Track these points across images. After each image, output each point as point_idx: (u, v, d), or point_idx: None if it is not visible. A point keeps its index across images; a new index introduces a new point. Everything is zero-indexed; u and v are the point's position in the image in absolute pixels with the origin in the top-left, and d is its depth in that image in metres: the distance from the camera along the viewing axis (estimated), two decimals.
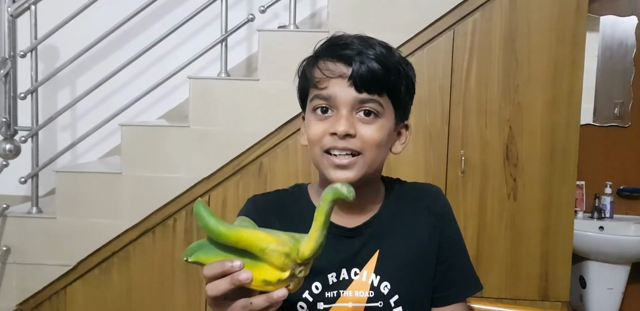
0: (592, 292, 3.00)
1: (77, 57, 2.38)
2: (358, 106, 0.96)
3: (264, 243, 0.76)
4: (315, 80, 0.99)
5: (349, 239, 1.04)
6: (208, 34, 2.59)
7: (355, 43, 0.98)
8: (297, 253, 0.77)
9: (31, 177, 2.32)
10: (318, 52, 1.02)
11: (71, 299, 2.29)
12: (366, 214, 1.06)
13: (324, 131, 0.97)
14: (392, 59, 0.99)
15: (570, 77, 2.22)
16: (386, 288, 1.02)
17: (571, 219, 2.26)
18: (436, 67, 2.24)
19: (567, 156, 2.24)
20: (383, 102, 0.98)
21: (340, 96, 0.96)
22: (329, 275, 1.02)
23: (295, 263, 0.77)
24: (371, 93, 0.96)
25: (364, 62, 0.95)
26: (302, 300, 1.01)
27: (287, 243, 0.77)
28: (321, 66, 0.99)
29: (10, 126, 2.28)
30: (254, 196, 1.11)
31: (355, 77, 0.95)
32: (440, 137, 2.25)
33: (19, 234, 2.28)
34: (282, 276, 0.76)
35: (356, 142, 0.96)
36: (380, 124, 0.98)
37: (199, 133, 2.25)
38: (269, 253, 0.75)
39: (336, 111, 0.97)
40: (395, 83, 0.99)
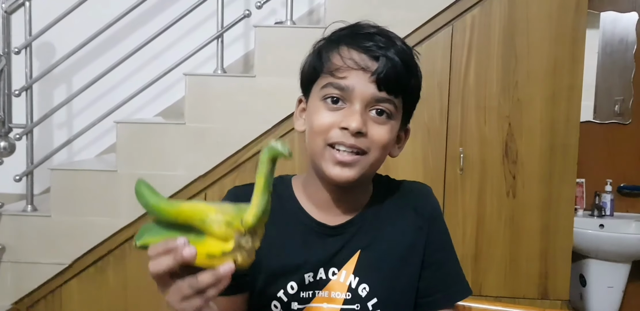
0: (593, 290, 2.99)
1: (72, 54, 2.36)
2: (373, 103, 0.92)
3: (203, 213, 0.72)
4: (334, 67, 0.93)
5: (330, 238, 0.99)
6: (204, 30, 2.57)
7: (378, 35, 0.93)
8: (240, 220, 0.72)
9: (26, 175, 2.30)
10: (340, 38, 0.96)
11: (67, 298, 2.27)
12: (350, 212, 1.02)
13: (333, 123, 0.92)
14: (412, 59, 0.95)
15: (570, 74, 2.20)
16: (364, 290, 0.97)
17: (571, 217, 2.24)
18: (435, 64, 2.22)
19: (567, 153, 2.22)
20: (397, 104, 0.94)
21: (359, 90, 0.91)
22: (306, 274, 0.97)
23: (239, 232, 0.72)
24: (390, 93, 0.92)
25: (390, 58, 0.91)
26: (277, 299, 0.97)
27: (229, 211, 0.73)
28: (343, 53, 0.93)
29: (4, 123, 2.27)
30: (235, 187, 1.06)
31: (380, 73, 0.90)
32: (438, 135, 2.23)
33: (14, 232, 2.27)
34: (225, 247, 0.72)
35: (365, 141, 0.92)
36: (391, 125, 0.94)
37: (196, 130, 2.23)
38: (208, 222, 0.72)
39: (349, 104, 0.92)
40: (412, 85, 0.95)
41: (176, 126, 2.24)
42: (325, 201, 1.01)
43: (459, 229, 2.23)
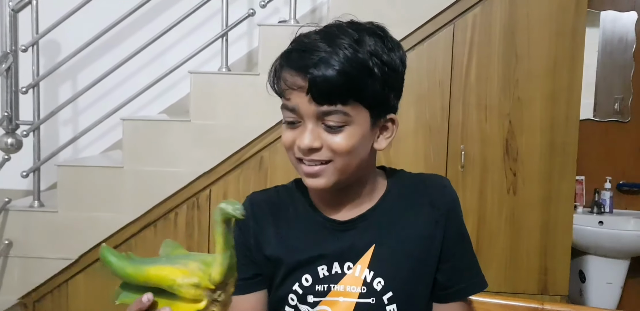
0: (592, 286, 3.02)
1: (78, 52, 2.39)
2: (322, 117, 0.93)
3: (169, 279, 0.75)
4: (280, 90, 0.97)
5: (341, 233, 1.02)
6: (209, 28, 2.60)
7: (318, 48, 0.92)
8: (209, 279, 0.75)
9: (33, 171, 2.33)
10: (282, 59, 0.97)
11: (73, 292, 2.30)
12: (361, 207, 1.04)
13: (293, 141, 0.96)
14: (358, 60, 0.91)
15: (570, 72, 2.23)
16: (379, 284, 0.99)
17: (570, 214, 2.27)
18: (436, 62, 2.25)
19: (566, 151, 2.25)
20: (349, 110, 0.93)
21: (303, 109, 0.93)
22: (319, 267, 1.00)
23: (209, 291, 0.75)
24: (333, 104, 0.91)
25: (321, 73, 0.90)
26: (292, 292, 1.00)
27: (196, 271, 0.75)
28: (283, 75, 0.95)
29: (12, 120, 2.29)
30: (253, 193, 1.11)
31: (313, 90, 0.91)
32: (440, 132, 2.26)
33: (21, 228, 2.29)
34: (198, 307, 0.75)
35: (323, 153, 0.94)
36: (349, 132, 0.94)
37: (200, 128, 2.26)
38: (177, 288, 0.75)
39: (303, 122, 0.95)
40: (361, 86, 0.92)
41: (181, 123, 2.27)
42: (331, 200, 1.04)
43: None
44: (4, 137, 2.28)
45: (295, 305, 1.01)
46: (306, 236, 1.03)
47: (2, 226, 2.29)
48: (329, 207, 1.04)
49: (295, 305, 1.01)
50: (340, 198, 1.03)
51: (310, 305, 1.00)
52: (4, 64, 2.26)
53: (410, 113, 2.24)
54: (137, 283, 0.77)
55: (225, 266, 0.75)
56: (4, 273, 2.29)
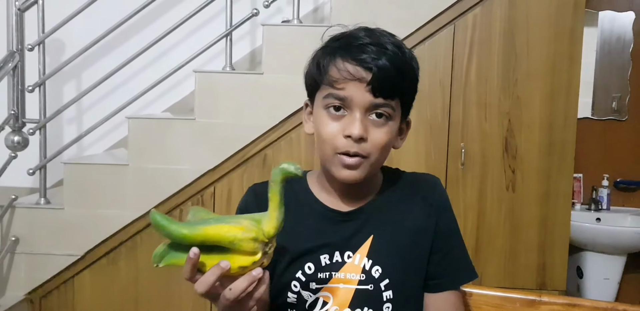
0: (589, 282, 3.05)
1: (84, 51, 2.42)
2: (372, 109, 0.99)
3: (230, 234, 0.81)
4: (332, 79, 1.00)
5: (342, 223, 1.08)
6: (213, 28, 2.62)
7: (370, 45, 0.99)
8: (263, 233, 0.83)
9: (39, 169, 2.36)
10: (335, 50, 1.02)
11: (79, 288, 2.33)
12: (361, 200, 1.10)
13: (338, 132, 1.00)
14: (405, 60, 1.00)
15: (568, 71, 2.26)
16: (377, 272, 1.05)
17: (568, 211, 2.31)
18: (437, 62, 2.28)
19: (564, 149, 2.28)
20: (395, 105, 1.01)
21: (357, 99, 0.98)
22: (322, 256, 1.06)
23: (263, 243, 0.84)
24: (386, 98, 0.99)
25: (382, 67, 0.97)
26: (296, 279, 1.06)
27: (251, 227, 0.83)
28: (339, 66, 0.99)
29: (18, 118, 2.32)
30: (254, 184, 1.16)
31: (374, 82, 0.97)
32: (440, 130, 2.29)
33: (28, 224, 2.32)
34: (255, 258, 0.83)
35: (366, 146, 0.99)
36: (390, 127, 1.01)
37: (204, 126, 2.29)
38: (237, 243, 0.81)
39: (349, 112, 0.99)
40: (407, 86, 1.02)
41: (185, 121, 2.30)
42: (336, 192, 1.10)
43: (460, 222, 2.23)
44: (11, 135, 2.31)
45: (298, 291, 1.06)
46: (309, 226, 1.09)
47: (9, 223, 2.32)
48: (331, 198, 1.10)
49: (298, 291, 1.06)
50: (345, 190, 1.09)
51: (313, 291, 1.06)
52: (10, 63, 2.29)
53: (411, 112, 2.26)
54: (193, 243, 0.82)
55: (279, 221, 0.84)
56: (11, 269, 2.32)
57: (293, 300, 1.07)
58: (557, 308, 1.19)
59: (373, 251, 1.06)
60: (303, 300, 1.06)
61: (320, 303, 1.05)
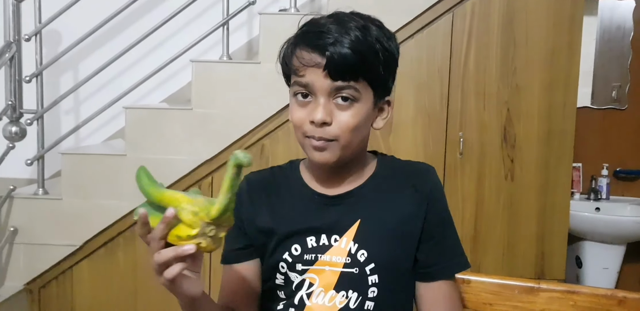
0: (588, 272, 3.06)
1: (80, 41, 2.40)
2: (335, 92, 1.00)
3: (177, 202, 0.86)
4: (294, 67, 1.03)
5: (330, 207, 1.09)
6: (209, 17, 2.62)
7: (331, 30, 1.00)
8: (207, 212, 0.85)
9: (37, 159, 2.36)
10: (296, 39, 1.05)
11: (78, 278, 2.34)
12: (350, 184, 1.11)
13: (305, 117, 1.02)
14: (367, 42, 1.00)
15: (568, 60, 2.25)
16: (363, 256, 1.06)
17: (567, 200, 2.30)
18: (435, 50, 2.27)
19: (564, 138, 2.28)
20: (360, 87, 1.01)
21: (318, 84, 1.00)
22: (308, 238, 1.08)
23: (204, 222, 0.85)
24: (346, 80, 0.99)
25: (338, 51, 0.98)
26: (283, 260, 1.08)
27: (200, 204, 0.85)
28: (298, 54, 1.02)
29: (15, 109, 2.31)
30: (250, 173, 1.19)
31: (330, 66, 0.98)
32: (439, 120, 2.28)
33: (26, 215, 2.32)
34: (190, 232, 0.85)
35: (332, 129, 1.01)
36: (357, 109, 1.02)
37: (202, 116, 2.28)
38: (180, 211, 0.85)
39: (314, 98, 1.02)
40: (371, 66, 1.01)
41: (182, 111, 2.29)
42: (324, 176, 1.11)
43: (458, 212, 2.29)
44: (8, 125, 2.30)
45: (285, 272, 1.09)
46: (296, 209, 1.11)
47: (7, 213, 2.32)
48: (319, 183, 1.12)
49: (285, 272, 1.09)
50: (332, 175, 1.10)
51: (299, 273, 1.08)
52: (7, 54, 2.28)
53: (409, 101, 2.27)
54: (153, 200, 0.89)
55: (223, 205, 0.84)
56: (10, 259, 2.32)
57: (281, 281, 1.10)
58: (556, 295, 1.19)
59: (359, 236, 1.07)
60: (290, 281, 1.08)
61: (307, 284, 1.08)
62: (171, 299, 0.95)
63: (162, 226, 0.85)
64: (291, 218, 1.10)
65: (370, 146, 1.14)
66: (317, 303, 1.07)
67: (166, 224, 0.85)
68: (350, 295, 1.06)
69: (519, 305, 1.20)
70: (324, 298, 1.06)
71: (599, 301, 1.14)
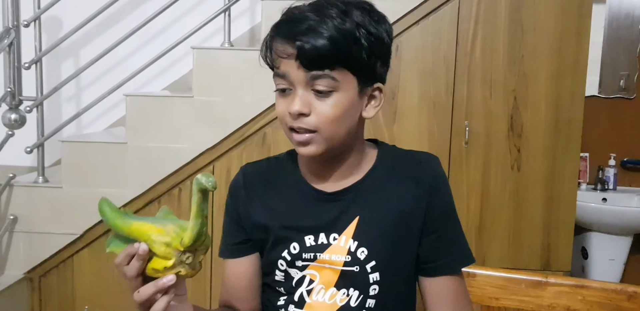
0: (594, 263, 3.03)
1: (80, 27, 2.37)
2: (312, 82, 0.97)
3: (147, 235, 0.83)
4: (272, 60, 1.01)
5: (327, 204, 1.06)
6: (211, 4, 2.57)
7: (308, 18, 0.96)
8: (180, 241, 0.82)
9: (37, 147, 2.34)
10: (272, 31, 1.02)
11: (78, 267, 2.32)
12: (348, 179, 1.07)
13: (285, 110, 0.99)
14: (345, 28, 0.96)
15: (576, 48, 2.21)
16: (363, 253, 1.03)
17: (574, 191, 2.27)
18: (441, 37, 2.23)
19: (571, 128, 2.24)
20: (337, 76, 0.97)
21: (293, 75, 0.97)
22: (306, 237, 1.05)
23: (178, 251, 0.83)
24: (321, 69, 0.96)
25: (309, 40, 0.94)
26: (282, 258, 1.06)
27: (171, 232, 0.83)
28: (273, 46, 1.00)
29: (15, 96, 2.29)
30: (246, 164, 1.17)
31: (301, 57, 0.95)
32: (444, 108, 2.25)
33: (26, 203, 2.31)
34: (166, 264, 0.83)
35: (311, 120, 0.97)
36: (337, 98, 0.98)
37: (203, 104, 2.25)
38: (151, 244, 0.82)
39: (293, 89, 0.99)
40: (348, 53, 0.96)
41: (184, 99, 2.27)
42: (320, 171, 1.08)
43: (463, 202, 2.26)
44: (7, 113, 2.28)
45: (285, 269, 1.07)
46: (293, 206, 1.08)
47: (7, 201, 2.31)
48: (316, 178, 1.08)
49: (285, 269, 1.07)
50: (328, 169, 1.07)
51: (299, 269, 1.06)
52: (6, 40, 2.25)
53: (414, 89, 2.23)
54: (122, 233, 0.86)
55: (195, 232, 0.82)
56: (10, 248, 2.31)
57: (281, 277, 1.08)
58: (564, 289, 1.17)
59: (359, 233, 1.04)
60: (290, 277, 1.06)
61: (307, 281, 1.05)
62: None
63: (137, 263, 0.83)
64: (288, 215, 1.07)
65: (373, 135, 1.11)
66: (318, 300, 1.05)
67: (140, 261, 0.83)
68: (351, 293, 1.04)
69: (525, 299, 1.18)
70: (325, 296, 1.05)
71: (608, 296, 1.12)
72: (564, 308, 1.14)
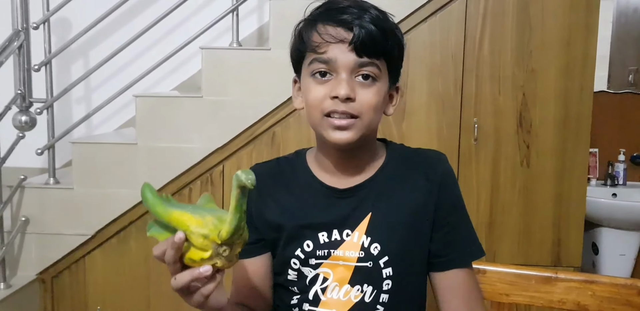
0: (605, 258, 3.02)
1: (89, 29, 2.38)
2: (357, 69, 0.99)
3: (186, 225, 0.83)
4: (314, 44, 1.00)
5: (340, 201, 1.08)
6: (219, 4, 2.59)
7: (351, 8, 1.00)
8: (218, 234, 0.82)
9: (48, 148, 2.35)
10: (315, 16, 1.03)
11: (90, 267, 2.34)
12: (361, 175, 1.09)
13: (325, 95, 1.00)
14: (388, 23, 1.02)
15: (584, 43, 2.21)
16: (376, 249, 1.04)
17: (584, 186, 2.27)
18: (449, 34, 2.23)
19: (580, 123, 2.24)
20: (380, 66, 1.01)
21: (341, 60, 0.98)
22: (320, 234, 1.06)
23: (216, 244, 0.83)
24: (371, 57, 0.99)
25: (364, 26, 0.97)
26: (295, 257, 1.07)
27: (209, 224, 0.83)
28: (320, 30, 1.00)
29: (25, 98, 2.30)
30: (256, 164, 1.18)
31: (357, 41, 0.97)
32: (453, 105, 2.25)
33: (38, 205, 2.32)
34: (203, 255, 0.83)
35: (355, 105, 0.99)
36: (378, 87, 1.01)
37: (212, 103, 2.26)
38: (189, 235, 0.82)
39: (335, 75, 1.00)
40: (391, 47, 1.01)
41: (193, 99, 2.27)
42: (334, 167, 1.09)
43: (473, 198, 2.26)
44: (18, 115, 2.29)
45: (298, 268, 1.08)
46: (306, 204, 1.09)
47: (19, 203, 2.32)
48: (329, 174, 1.10)
49: (298, 268, 1.08)
50: (341, 164, 1.08)
51: (312, 267, 1.07)
52: (15, 42, 2.26)
53: (423, 86, 2.23)
54: (163, 221, 0.86)
55: (233, 226, 0.82)
56: (22, 249, 2.33)
57: (293, 277, 1.08)
58: (574, 284, 1.17)
59: (371, 229, 1.05)
60: (304, 276, 1.07)
61: (321, 279, 1.06)
62: None
63: (172, 251, 0.83)
64: (301, 213, 1.08)
65: (382, 133, 1.13)
66: (332, 297, 1.06)
67: (175, 249, 0.83)
68: (365, 289, 1.05)
69: (536, 295, 1.18)
70: (339, 293, 1.06)
71: (618, 291, 1.12)
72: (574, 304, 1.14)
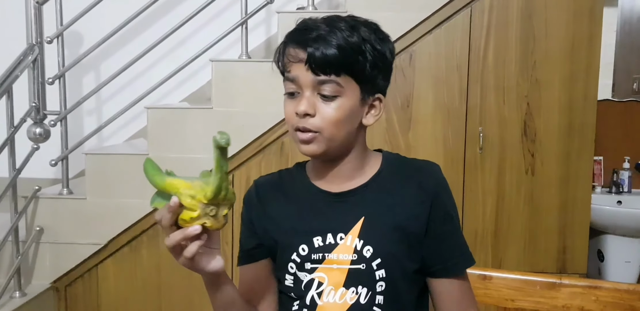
0: (610, 265, 3.03)
1: (101, 43, 2.43)
2: (318, 87, 1.05)
3: (176, 188, 0.91)
4: (283, 65, 1.09)
5: (334, 205, 1.12)
6: (228, 17, 2.63)
7: (319, 27, 1.05)
8: (204, 194, 0.90)
9: (61, 160, 2.39)
10: (286, 37, 1.10)
11: (103, 276, 2.38)
12: (353, 181, 1.13)
13: (292, 111, 1.07)
14: (353, 41, 1.04)
15: (588, 52, 2.24)
16: (369, 251, 1.08)
17: (589, 194, 2.29)
18: (454, 45, 2.27)
19: (585, 131, 2.26)
20: (342, 82, 1.05)
21: (302, 79, 1.05)
22: (314, 238, 1.10)
23: (202, 204, 0.90)
24: (327, 74, 1.04)
25: (319, 47, 1.02)
26: (291, 261, 1.11)
27: (196, 187, 0.90)
28: (287, 50, 1.08)
29: (39, 110, 2.35)
30: (260, 177, 1.24)
31: (310, 61, 1.03)
32: (458, 115, 2.28)
33: (51, 215, 2.36)
34: (192, 214, 0.90)
35: (315, 121, 1.05)
36: (340, 103, 1.05)
37: (222, 114, 2.30)
38: (180, 196, 0.90)
39: (301, 92, 1.06)
40: (353, 62, 1.05)
41: (203, 110, 2.32)
42: (326, 174, 1.14)
43: (479, 207, 2.29)
44: (33, 127, 2.33)
45: (294, 272, 1.12)
46: (302, 209, 1.14)
47: (33, 213, 2.36)
48: (323, 180, 1.14)
49: (294, 272, 1.12)
50: (331, 170, 1.13)
51: (308, 272, 1.10)
52: (30, 56, 2.31)
53: (428, 96, 2.27)
54: (160, 189, 0.94)
55: (215, 186, 0.89)
56: (36, 258, 2.37)
57: (290, 282, 1.12)
58: (578, 290, 1.19)
59: (364, 232, 1.09)
60: (299, 280, 1.11)
61: (316, 284, 1.10)
62: (194, 296, 0.97)
63: (168, 215, 0.90)
64: (297, 218, 1.13)
65: (389, 143, 1.16)
66: (329, 301, 1.09)
67: (172, 212, 0.90)
68: (360, 291, 1.08)
69: (541, 301, 1.21)
70: (335, 296, 1.09)
71: (622, 296, 1.15)
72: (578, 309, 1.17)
